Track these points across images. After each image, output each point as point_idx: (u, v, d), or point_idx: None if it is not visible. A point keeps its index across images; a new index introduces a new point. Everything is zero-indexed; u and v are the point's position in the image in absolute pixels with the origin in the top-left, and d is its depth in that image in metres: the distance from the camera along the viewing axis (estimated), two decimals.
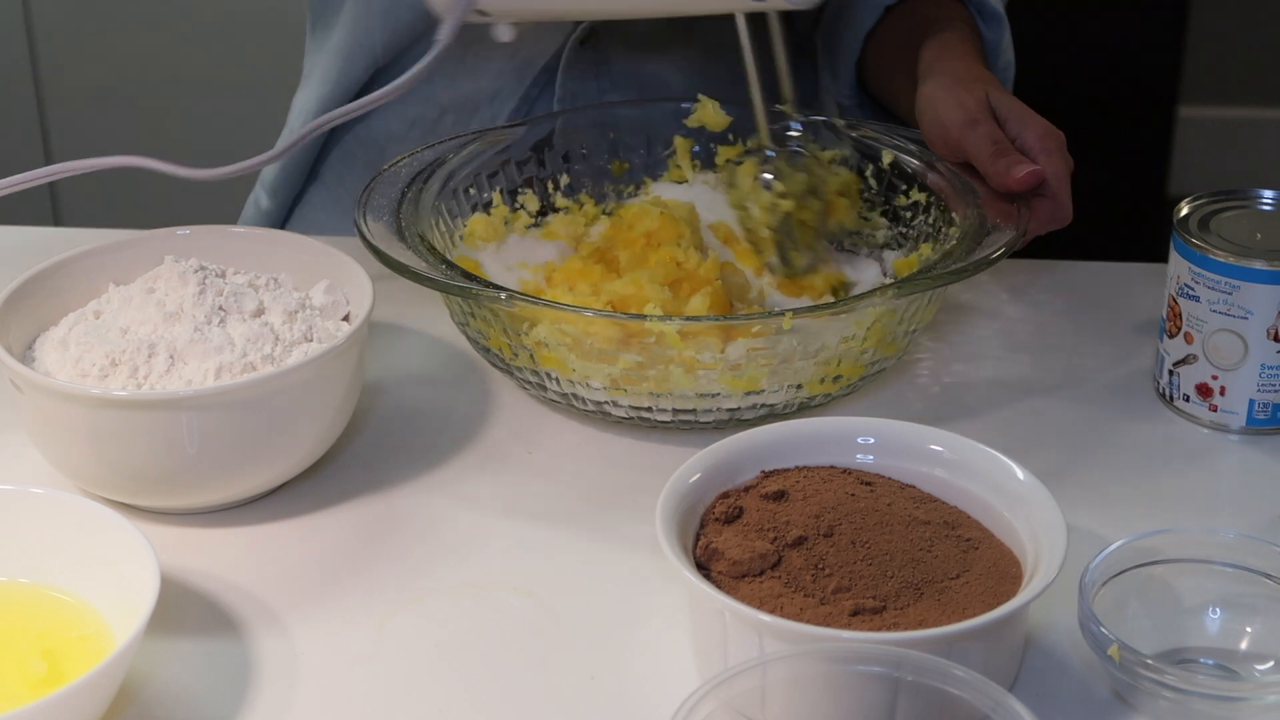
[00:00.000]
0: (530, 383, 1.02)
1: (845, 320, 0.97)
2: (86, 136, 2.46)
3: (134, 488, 0.90)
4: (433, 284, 0.97)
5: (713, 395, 0.98)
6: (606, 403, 1.00)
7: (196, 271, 0.96)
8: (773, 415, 1.00)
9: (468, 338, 1.04)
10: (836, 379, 1.00)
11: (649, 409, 0.99)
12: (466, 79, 1.27)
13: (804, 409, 1.01)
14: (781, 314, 0.95)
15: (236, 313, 0.95)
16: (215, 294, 0.95)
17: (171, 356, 0.92)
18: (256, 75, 2.35)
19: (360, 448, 1.01)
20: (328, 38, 1.32)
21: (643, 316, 0.96)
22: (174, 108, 2.43)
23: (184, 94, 2.42)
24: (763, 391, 0.98)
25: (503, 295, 0.95)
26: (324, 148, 1.35)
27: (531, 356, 0.99)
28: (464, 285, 0.96)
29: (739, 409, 0.99)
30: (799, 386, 0.99)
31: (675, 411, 0.99)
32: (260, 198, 1.39)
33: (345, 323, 0.99)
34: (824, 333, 0.97)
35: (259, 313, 0.96)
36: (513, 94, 1.28)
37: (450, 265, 0.99)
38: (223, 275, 0.98)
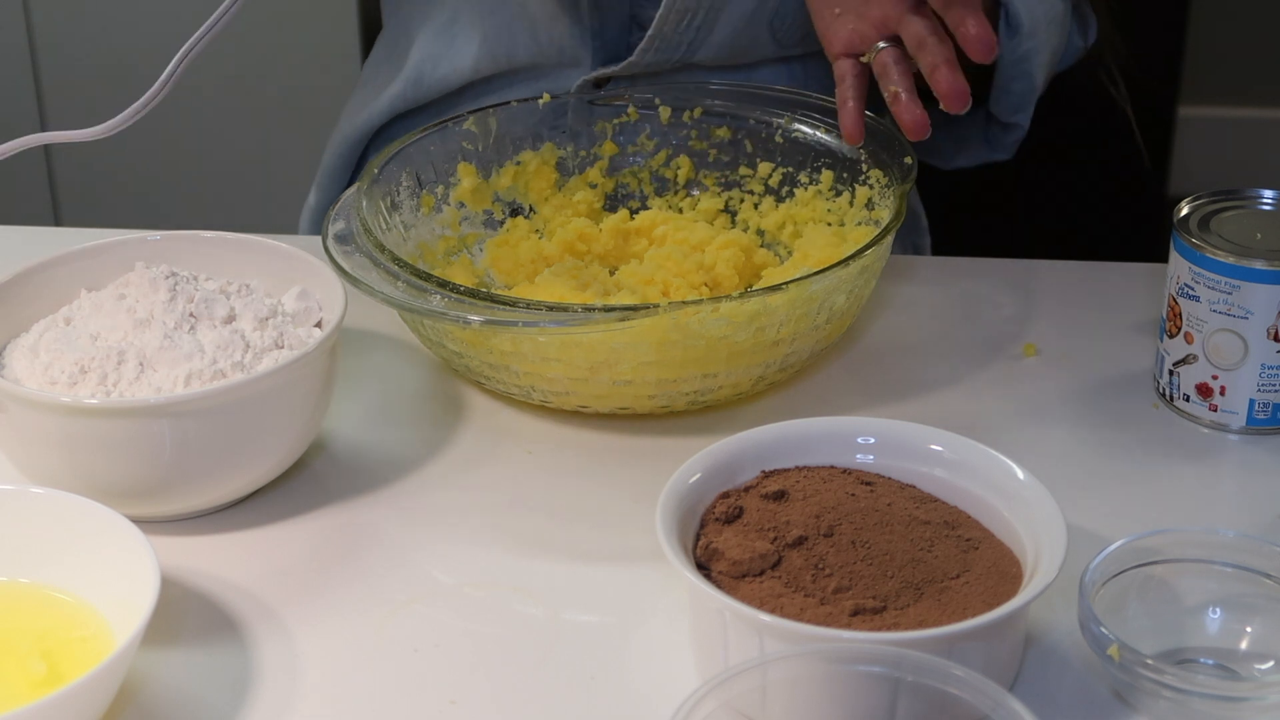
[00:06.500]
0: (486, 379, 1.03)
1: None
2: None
3: (105, 496, 0.88)
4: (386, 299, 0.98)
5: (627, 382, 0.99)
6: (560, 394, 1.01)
7: (168, 278, 0.96)
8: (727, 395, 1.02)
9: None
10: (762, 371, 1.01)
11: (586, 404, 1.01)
12: (495, 98, 1.29)
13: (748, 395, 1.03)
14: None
15: (207, 319, 0.95)
16: (186, 300, 0.95)
17: (141, 364, 0.92)
18: (256, 69, 2.35)
19: (359, 447, 1.01)
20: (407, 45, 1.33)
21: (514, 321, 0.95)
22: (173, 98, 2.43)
23: (185, 87, 2.42)
24: (676, 380, 0.99)
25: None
26: (365, 151, 1.36)
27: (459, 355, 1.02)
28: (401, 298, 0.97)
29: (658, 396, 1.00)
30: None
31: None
32: (310, 195, 1.40)
33: (317, 329, 0.98)
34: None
35: (230, 319, 0.96)
36: None
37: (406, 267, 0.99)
38: (194, 281, 0.98)
